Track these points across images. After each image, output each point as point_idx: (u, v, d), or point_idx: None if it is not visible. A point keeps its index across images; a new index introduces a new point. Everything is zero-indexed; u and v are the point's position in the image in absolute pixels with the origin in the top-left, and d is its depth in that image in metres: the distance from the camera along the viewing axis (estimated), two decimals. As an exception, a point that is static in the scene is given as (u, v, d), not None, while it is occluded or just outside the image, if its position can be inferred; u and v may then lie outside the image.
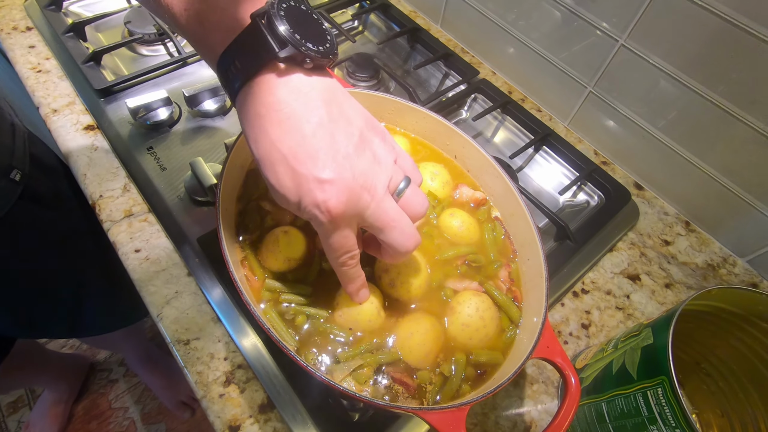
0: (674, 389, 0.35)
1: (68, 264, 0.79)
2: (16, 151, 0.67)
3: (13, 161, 0.66)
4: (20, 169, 0.67)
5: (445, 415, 0.33)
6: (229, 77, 0.33)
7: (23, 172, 0.67)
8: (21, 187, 0.67)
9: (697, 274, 0.66)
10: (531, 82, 0.82)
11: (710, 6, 0.54)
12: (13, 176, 0.65)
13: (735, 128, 0.59)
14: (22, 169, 0.67)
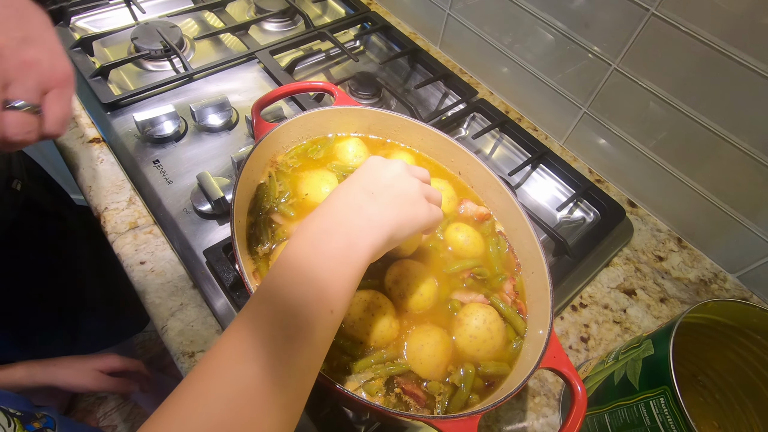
0: (676, 398, 0.36)
1: (69, 279, 0.78)
2: (12, 161, 0.67)
3: (12, 171, 0.66)
4: (20, 179, 0.67)
5: (457, 423, 0.34)
6: None
7: (23, 181, 0.67)
8: (23, 196, 0.67)
9: (690, 289, 0.68)
10: (527, 102, 0.85)
11: (698, 34, 0.57)
12: (14, 186, 0.65)
13: (722, 149, 0.62)
14: (21, 179, 0.67)
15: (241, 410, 0.26)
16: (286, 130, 0.53)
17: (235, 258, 0.40)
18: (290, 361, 0.28)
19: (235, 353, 0.28)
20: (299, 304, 0.30)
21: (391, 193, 0.37)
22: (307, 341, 0.29)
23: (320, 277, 0.31)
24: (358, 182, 0.37)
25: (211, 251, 0.57)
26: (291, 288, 0.30)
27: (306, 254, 0.32)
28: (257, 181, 0.51)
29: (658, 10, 0.59)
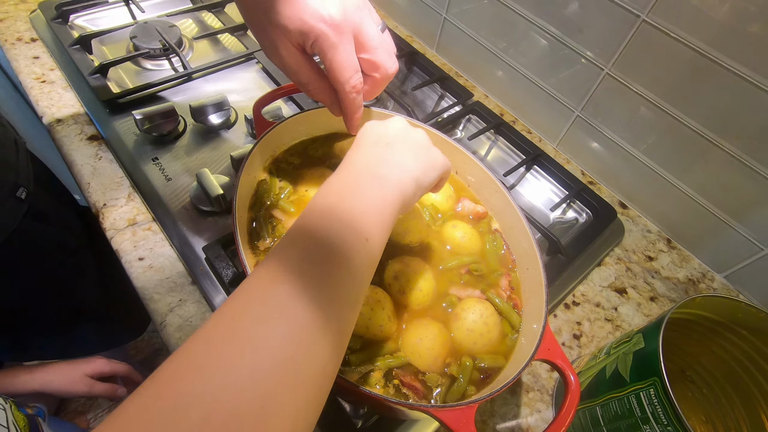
0: (665, 389, 0.38)
1: (68, 284, 0.78)
2: (20, 168, 0.67)
3: (18, 179, 0.66)
4: (25, 186, 0.67)
5: (455, 412, 0.34)
6: None
7: (28, 190, 0.67)
8: (26, 205, 0.66)
9: (679, 288, 0.70)
10: (522, 105, 0.86)
11: (687, 41, 0.59)
12: (19, 194, 0.65)
13: (710, 152, 0.64)
14: (27, 187, 0.67)
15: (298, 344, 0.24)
16: (287, 127, 0.53)
17: (237, 252, 0.40)
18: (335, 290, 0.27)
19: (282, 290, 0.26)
20: (332, 234, 0.29)
21: (405, 141, 0.37)
22: (345, 268, 0.28)
23: (351, 212, 0.31)
24: (368, 140, 0.37)
25: (211, 248, 0.58)
26: (322, 224, 0.30)
27: (334, 197, 0.32)
28: (258, 178, 0.51)
29: (649, 16, 0.61)
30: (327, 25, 0.35)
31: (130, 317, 0.97)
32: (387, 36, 0.41)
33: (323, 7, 0.35)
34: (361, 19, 0.37)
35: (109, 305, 0.87)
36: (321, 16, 0.35)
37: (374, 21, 0.39)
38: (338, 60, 0.37)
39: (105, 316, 0.88)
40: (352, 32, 0.37)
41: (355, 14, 0.37)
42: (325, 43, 0.36)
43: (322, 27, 0.35)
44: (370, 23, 0.38)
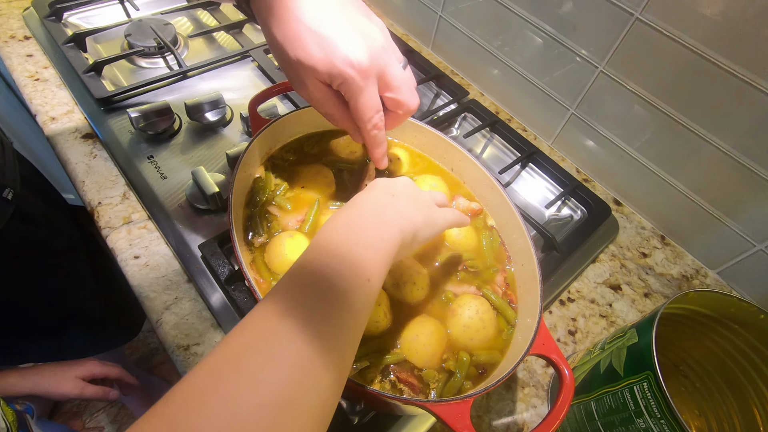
0: (659, 382, 0.38)
1: (59, 286, 0.78)
2: (6, 169, 0.66)
3: (4, 180, 0.65)
4: (12, 187, 0.66)
5: (451, 407, 0.35)
6: None
7: (15, 191, 0.67)
8: (13, 206, 0.66)
9: (672, 284, 0.70)
10: (517, 103, 0.87)
11: (680, 39, 0.59)
12: (5, 195, 0.65)
13: (703, 149, 0.65)
14: (13, 188, 0.66)
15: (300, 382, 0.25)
16: (282, 125, 0.53)
17: (233, 248, 0.40)
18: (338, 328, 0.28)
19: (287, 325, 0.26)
20: (335, 274, 0.29)
21: (409, 195, 0.38)
22: (348, 307, 0.29)
23: (355, 252, 0.31)
24: (376, 188, 0.38)
25: (206, 245, 0.58)
26: (326, 262, 0.30)
27: (338, 237, 0.33)
28: (253, 175, 0.51)
29: (643, 14, 0.61)
30: (355, 70, 0.36)
31: (124, 319, 0.97)
32: (409, 72, 0.42)
33: (352, 52, 0.36)
34: (386, 60, 0.39)
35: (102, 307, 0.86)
36: (350, 62, 0.36)
37: (397, 59, 0.41)
38: (362, 102, 0.39)
39: (98, 319, 0.87)
40: (377, 74, 0.39)
41: (381, 57, 0.38)
42: (352, 87, 0.38)
43: (350, 72, 0.36)
44: (393, 63, 0.40)
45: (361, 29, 0.37)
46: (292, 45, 0.36)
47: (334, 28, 0.36)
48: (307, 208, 0.50)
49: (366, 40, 0.37)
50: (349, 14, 0.37)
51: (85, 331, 0.88)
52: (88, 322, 0.88)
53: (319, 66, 0.36)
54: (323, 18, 0.36)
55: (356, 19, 0.38)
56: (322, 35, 0.35)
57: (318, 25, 0.35)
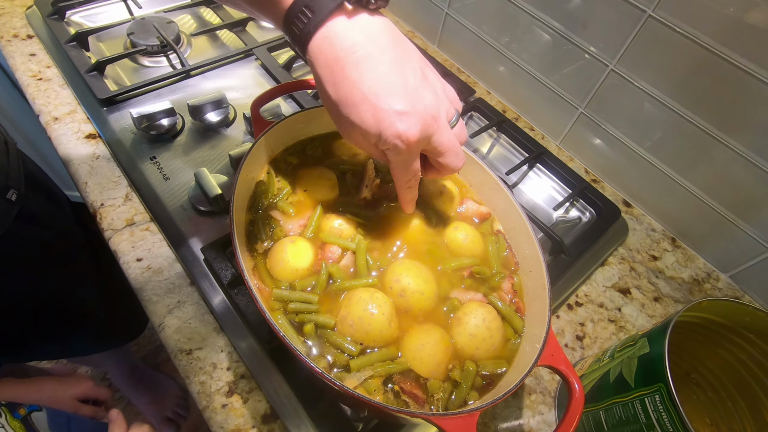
0: (671, 396, 0.37)
1: (64, 286, 0.78)
2: (11, 170, 0.66)
3: (8, 181, 0.65)
4: (16, 188, 0.66)
5: (456, 420, 0.34)
6: (298, 26, 0.35)
7: (19, 192, 0.66)
8: (18, 207, 0.66)
9: (683, 288, 0.69)
10: (525, 102, 0.85)
11: (695, 37, 0.57)
12: (9, 196, 0.64)
13: (716, 150, 0.63)
14: (18, 189, 0.66)
15: None
16: (285, 127, 0.52)
17: (235, 255, 0.40)
18: None
19: None
20: None
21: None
22: None
23: None
24: None
25: (209, 248, 0.57)
26: None
27: None
28: (256, 179, 0.50)
29: (656, 12, 0.60)
30: (402, 143, 0.36)
31: (129, 317, 0.97)
32: (459, 128, 0.42)
33: (403, 128, 0.35)
34: (435, 129, 0.38)
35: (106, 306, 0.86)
36: (399, 135, 0.36)
37: (449, 117, 0.40)
38: (402, 168, 0.40)
39: (103, 317, 0.88)
40: (424, 143, 0.38)
41: (431, 127, 0.37)
42: (396, 157, 0.38)
43: (397, 143, 0.36)
44: (443, 130, 0.39)
45: (417, 98, 0.36)
46: (347, 107, 0.36)
47: (390, 103, 0.35)
48: (310, 213, 0.49)
49: (419, 113, 0.36)
50: (408, 83, 0.36)
51: (90, 330, 0.89)
52: (93, 321, 0.88)
53: (371, 131, 0.36)
54: (382, 90, 0.35)
55: (414, 87, 0.36)
56: (378, 107, 0.35)
57: (376, 97, 0.35)
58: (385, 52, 0.35)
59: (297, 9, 0.34)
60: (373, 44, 0.35)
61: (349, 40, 0.34)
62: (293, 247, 0.46)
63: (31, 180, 0.71)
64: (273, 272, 0.45)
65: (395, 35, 0.37)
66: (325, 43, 0.35)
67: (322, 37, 0.35)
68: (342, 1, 0.34)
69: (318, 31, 0.34)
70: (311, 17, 0.34)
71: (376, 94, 0.35)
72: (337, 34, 0.34)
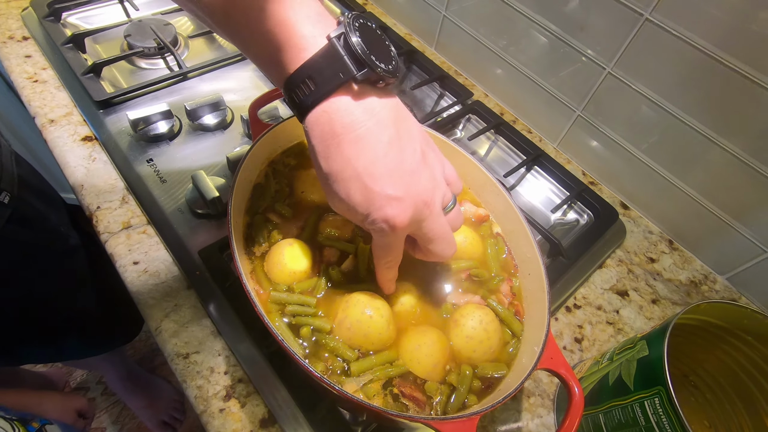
0: (671, 399, 0.37)
1: (58, 289, 0.77)
2: (3, 172, 0.66)
3: (0, 183, 0.64)
4: (8, 191, 0.65)
5: (456, 425, 0.34)
6: (299, 95, 0.33)
7: (12, 194, 0.66)
8: (10, 210, 0.65)
9: (681, 290, 0.69)
10: (522, 104, 0.85)
11: (691, 40, 0.58)
12: (1, 199, 0.64)
13: (713, 152, 0.63)
14: (10, 191, 0.66)
15: None
16: (283, 129, 0.52)
17: (233, 258, 0.39)
18: None
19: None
20: None
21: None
22: None
23: None
24: None
25: (207, 251, 0.57)
26: None
27: None
28: (254, 181, 0.50)
29: (652, 15, 0.60)
30: (389, 227, 0.34)
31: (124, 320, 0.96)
32: (454, 214, 0.40)
33: (393, 212, 0.33)
34: (426, 215, 0.36)
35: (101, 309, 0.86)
36: (386, 219, 0.34)
37: (444, 202, 0.38)
38: (384, 250, 0.38)
39: (97, 320, 0.87)
40: (413, 229, 0.36)
41: (421, 213, 0.35)
42: (381, 239, 0.37)
43: (384, 227, 0.34)
44: (434, 217, 0.36)
45: (412, 182, 0.34)
46: (336, 183, 0.34)
47: (383, 185, 0.33)
48: (308, 215, 0.49)
49: (412, 199, 0.34)
50: (405, 166, 0.34)
51: (84, 333, 0.88)
52: (88, 324, 0.87)
53: (359, 209, 0.34)
54: (377, 171, 0.33)
55: (411, 170, 0.34)
56: (369, 188, 0.33)
57: (370, 177, 0.33)
58: (385, 130, 0.33)
59: (300, 78, 0.32)
60: (373, 121, 0.33)
61: (349, 117, 0.32)
62: (291, 249, 0.46)
63: (25, 182, 0.71)
64: (270, 275, 0.45)
65: (399, 112, 0.35)
66: (324, 117, 0.33)
67: (321, 110, 0.33)
68: (348, 78, 0.32)
69: (319, 105, 0.32)
70: (313, 90, 0.32)
71: (371, 173, 0.33)
72: (338, 109, 0.32)
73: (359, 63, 0.31)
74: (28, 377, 1.26)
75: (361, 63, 0.31)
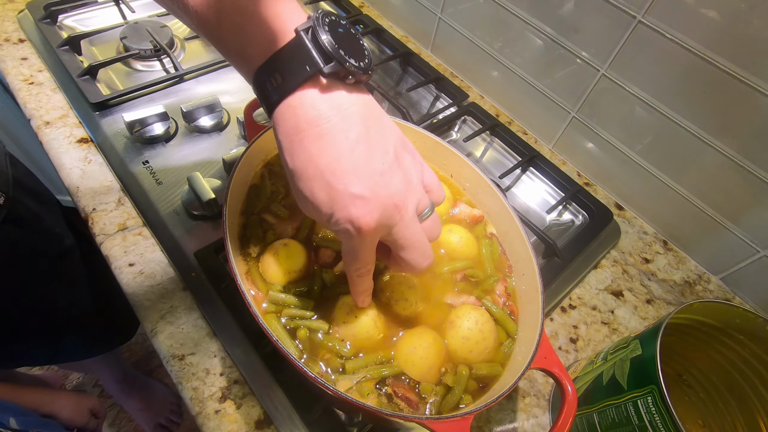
0: (663, 397, 0.37)
1: (54, 290, 0.77)
2: None
3: None
4: (3, 191, 0.65)
5: (450, 424, 0.34)
6: (267, 89, 0.32)
7: (7, 194, 0.66)
8: (5, 210, 0.65)
9: (675, 290, 0.69)
10: (517, 106, 0.86)
11: (683, 42, 0.58)
12: None
13: (706, 153, 0.64)
14: (5, 192, 0.65)
15: None
16: (279, 131, 0.52)
17: (228, 260, 0.39)
18: None
19: None
20: None
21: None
22: None
23: None
24: None
25: (202, 253, 0.57)
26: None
27: None
28: (249, 183, 0.50)
29: (645, 17, 0.60)
30: (354, 228, 0.32)
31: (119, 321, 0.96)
32: (431, 222, 0.37)
33: (357, 213, 0.31)
34: (397, 220, 0.34)
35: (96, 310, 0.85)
36: (351, 219, 0.32)
37: (420, 208, 0.36)
38: (352, 256, 0.36)
39: (93, 321, 0.87)
40: (382, 234, 0.34)
41: (392, 217, 0.33)
42: (347, 242, 0.34)
43: (348, 228, 0.32)
44: (407, 222, 0.34)
45: (381, 183, 0.32)
46: (301, 180, 0.32)
47: (348, 182, 0.31)
48: (303, 216, 0.49)
49: (380, 200, 0.32)
50: (373, 165, 0.32)
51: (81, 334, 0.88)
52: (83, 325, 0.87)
53: (323, 209, 0.32)
54: (340, 168, 0.31)
55: (380, 171, 0.32)
56: (332, 185, 0.31)
57: (332, 174, 0.31)
58: (352, 127, 0.32)
59: (268, 71, 0.32)
60: (340, 119, 0.32)
61: (314, 112, 0.31)
62: (285, 249, 0.46)
63: (20, 183, 0.71)
64: (265, 275, 0.45)
65: (371, 111, 0.34)
66: (289, 112, 0.32)
67: (287, 104, 0.32)
68: (315, 72, 0.31)
69: (286, 99, 0.31)
70: (281, 83, 0.31)
71: (333, 171, 0.31)
72: (302, 104, 0.31)
73: (326, 57, 0.31)
74: (24, 380, 1.26)
75: (329, 57, 0.31)
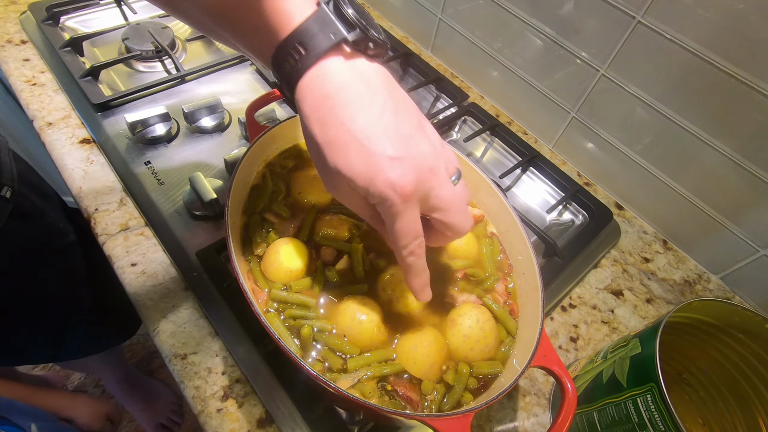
0: (663, 395, 0.37)
1: (58, 285, 0.77)
2: (3, 167, 0.66)
3: (2, 178, 0.65)
4: (9, 186, 0.66)
5: (450, 421, 0.34)
6: (289, 62, 0.32)
7: (13, 188, 0.66)
8: (11, 204, 0.65)
9: (675, 289, 0.70)
10: (517, 106, 0.86)
11: (683, 43, 0.59)
12: (3, 193, 0.64)
13: (705, 153, 0.64)
14: (11, 186, 0.66)
15: None
16: (280, 131, 0.53)
17: (230, 259, 0.40)
18: None
19: None
20: None
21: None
22: None
23: None
24: None
25: (204, 252, 0.57)
26: None
27: None
28: (251, 183, 0.51)
29: (644, 18, 0.61)
30: (396, 193, 0.32)
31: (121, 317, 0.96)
32: (461, 187, 0.37)
33: (396, 175, 0.32)
34: (433, 183, 0.34)
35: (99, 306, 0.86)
36: (391, 184, 0.32)
37: (449, 172, 0.36)
38: (398, 227, 0.34)
39: (95, 317, 0.87)
40: (421, 198, 0.34)
41: (428, 180, 0.33)
42: (389, 210, 0.33)
43: (389, 194, 0.32)
44: (441, 184, 0.35)
45: (412, 146, 0.33)
46: (334, 151, 0.32)
47: (383, 145, 0.31)
48: (304, 215, 0.50)
49: (414, 160, 0.32)
50: (401, 129, 0.33)
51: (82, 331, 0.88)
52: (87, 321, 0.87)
53: (359, 180, 0.32)
54: (374, 132, 0.31)
55: (408, 133, 0.33)
56: (369, 149, 0.31)
57: (367, 139, 0.31)
58: (377, 94, 0.33)
59: (289, 45, 0.32)
60: (365, 85, 0.32)
61: (340, 78, 0.32)
62: (287, 248, 0.46)
63: (23, 178, 0.71)
64: (267, 274, 0.45)
65: (391, 83, 0.35)
66: (315, 82, 0.32)
67: (313, 75, 0.32)
68: (339, 41, 0.31)
69: (309, 69, 0.32)
70: (304, 54, 0.31)
71: (368, 136, 0.31)
72: (328, 72, 0.32)
73: (350, 25, 0.31)
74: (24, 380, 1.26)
75: (352, 25, 0.31)
